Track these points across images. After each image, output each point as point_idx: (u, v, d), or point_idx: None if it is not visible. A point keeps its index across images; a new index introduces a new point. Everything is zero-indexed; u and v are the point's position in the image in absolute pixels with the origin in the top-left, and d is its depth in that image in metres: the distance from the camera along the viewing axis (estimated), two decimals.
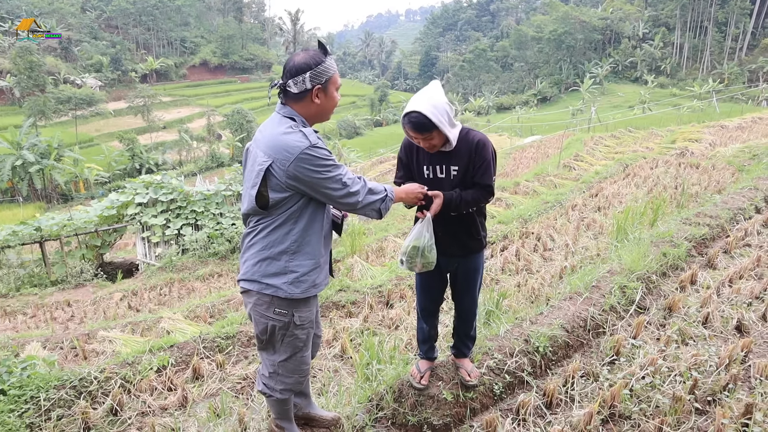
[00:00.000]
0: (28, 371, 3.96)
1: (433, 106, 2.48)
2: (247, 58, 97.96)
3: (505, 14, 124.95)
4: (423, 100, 2.50)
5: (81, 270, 12.28)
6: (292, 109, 2.27)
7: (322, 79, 2.20)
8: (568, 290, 4.35)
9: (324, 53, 2.22)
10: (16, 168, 36.37)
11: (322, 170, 2.17)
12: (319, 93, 2.23)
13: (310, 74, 2.17)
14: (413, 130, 2.53)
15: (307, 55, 2.20)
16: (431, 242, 2.65)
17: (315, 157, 2.14)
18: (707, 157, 12.96)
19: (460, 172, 2.70)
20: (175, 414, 3.73)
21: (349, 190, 2.24)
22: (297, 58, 2.20)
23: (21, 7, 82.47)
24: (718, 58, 77.62)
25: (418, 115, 2.48)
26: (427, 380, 3.11)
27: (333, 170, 2.19)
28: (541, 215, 9.25)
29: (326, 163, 2.17)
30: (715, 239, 5.81)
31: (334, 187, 2.21)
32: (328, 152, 2.20)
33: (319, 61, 2.19)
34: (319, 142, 2.20)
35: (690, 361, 3.30)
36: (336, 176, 2.20)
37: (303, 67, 2.17)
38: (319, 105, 2.27)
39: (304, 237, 2.31)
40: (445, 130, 2.51)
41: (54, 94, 52.13)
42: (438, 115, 2.47)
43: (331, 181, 2.19)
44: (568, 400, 3.13)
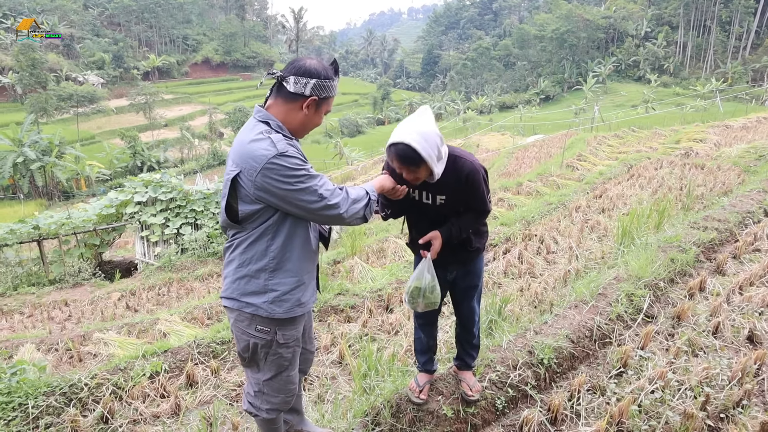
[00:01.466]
0: (18, 377, 3.86)
1: (423, 138, 2.27)
2: (249, 56, 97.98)
3: (507, 13, 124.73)
4: (412, 130, 2.28)
5: (79, 269, 12.19)
6: (269, 113, 2.13)
7: (322, 94, 2.09)
8: (573, 298, 4.22)
9: (335, 72, 2.13)
10: (18, 165, 36.37)
11: (292, 181, 1.99)
12: (311, 105, 2.10)
13: (315, 82, 2.05)
14: (399, 162, 2.33)
15: (321, 64, 2.09)
16: (433, 283, 2.55)
17: (283, 167, 1.98)
18: (712, 158, 12.83)
19: (448, 200, 2.55)
20: (168, 422, 3.63)
21: (327, 202, 2.06)
22: (309, 62, 2.08)
23: (23, 3, 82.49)
24: (722, 57, 77.35)
25: (405, 148, 2.26)
26: (426, 394, 2.98)
27: (306, 181, 2.02)
28: (544, 217, 9.12)
29: (296, 173, 2.00)
30: (723, 244, 5.68)
31: (309, 199, 2.03)
32: (300, 160, 2.03)
33: (329, 76, 2.09)
34: (290, 149, 2.02)
35: (701, 374, 3.17)
36: (310, 187, 2.03)
37: (312, 72, 2.05)
38: (304, 117, 2.13)
39: (284, 254, 2.17)
40: (432, 165, 2.31)
41: (56, 92, 52.21)
42: (428, 148, 2.27)
43: (304, 192, 2.02)
44: (573, 416, 3.00)
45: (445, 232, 2.57)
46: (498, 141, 33.03)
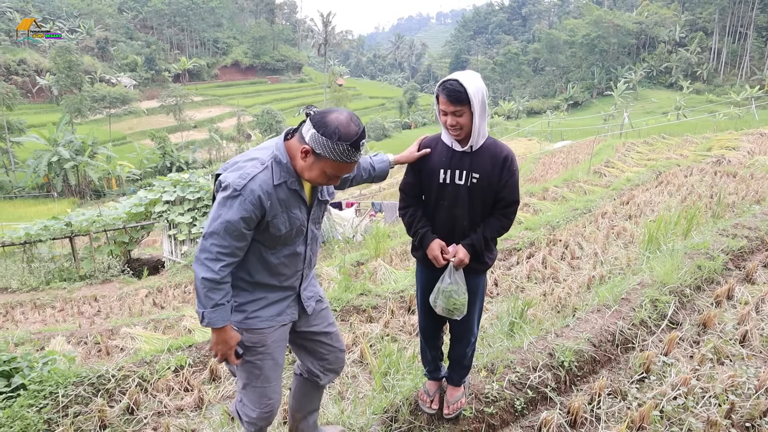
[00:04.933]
0: (49, 367, 3.98)
1: (476, 83, 2.33)
2: (278, 59, 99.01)
3: (537, 18, 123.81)
4: (465, 74, 2.37)
5: (108, 266, 12.47)
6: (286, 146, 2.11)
7: (316, 149, 1.95)
8: (596, 302, 4.18)
9: (347, 141, 1.94)
10: (52, 164, 37.33)
11: (214, 215, 2.00)
12: (307, 154, 2.00)
13: (313, 133, 1.96)
14: (446, 96, 2.33)
15: (338, 120, 1.95)
16: (451, 288, 2.52)
17: (222, 200, 1.98)
18: (745, 166, 12.54)
19: (480, 182, 2.49)
20: (191, 415, 3.70)
21: (198, 256, 2.03)
22: (333, 115, 1.98)
23: (61, 8, 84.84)
24: (758, 63, 75.53)
25: (456, 83, 2.31)
26: (438, 404, 2.93)
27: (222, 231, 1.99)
28: (569, 222, 9.03)
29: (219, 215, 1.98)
30: (754, 252, 5.55)
31: (211, 238, 2.00)
32: (244, 213, 1.97)
33: (331, 136, 1.93)
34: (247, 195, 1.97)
35: (726, 382, 3.11)
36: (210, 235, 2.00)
37: (319, 124, 1.95)
38: (302, 163, 2.05)
39: (237, 269, 2.17)
40: (475, 108, 2.34)
41: (90, 93, 53.46)
42: (475, 91, 2.31)
43: (207, 235, 2.01)
44: (593, 420, 2.97)
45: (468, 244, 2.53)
46: (525, 146, 32.78)
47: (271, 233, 2.09)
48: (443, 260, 2.55)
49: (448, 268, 2.54)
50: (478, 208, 2.55)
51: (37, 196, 38.60)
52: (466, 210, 2.56)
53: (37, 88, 66.63)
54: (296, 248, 2.23)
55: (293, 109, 77.78)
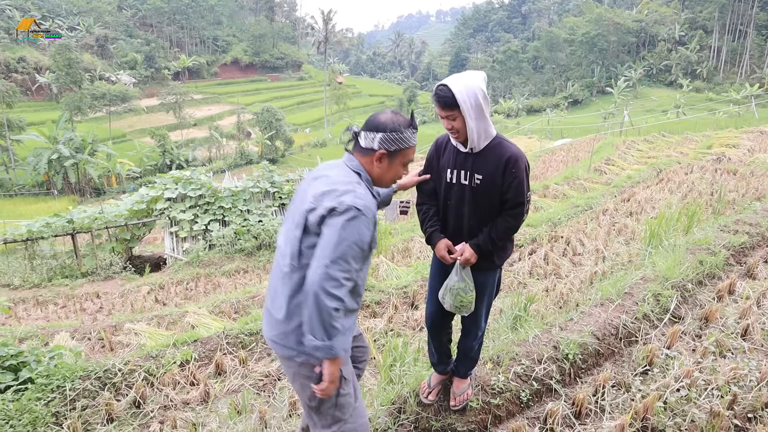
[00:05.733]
0: (55, 361, 4.01)
1: (465, 85, 2.35)
2: (277, 57, 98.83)
3: (536, 16, 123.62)
4: (458, 77, 2.40)
5: (110, 263, 12.50)
6: (360, 163, 2.15)
7: (391, 147, 2.07)
8: (600, 296, 4.22)
9: (409, 125, 2.10)
10: (52, 162, 37.27)
11: (345, 244, 1.92)
12: (382, 158, 2.10)
13: (381, 136, 2.05)
14: (436, 102, 2.41)
15: (391, 117, 2.08)
16: (459, 286, 2.55)
17: (353, 224, 1.93)
18: (745, 164, 12.57)
19: (484, 182, 2.51)
20: (197, 409, 3.73)
21: (334, 285, 1.89)
22: (381, 116, 2.09)
23: (61, 6, 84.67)
24: (758, 62, 75.45)
25: (444, 88, 2.36)
26: (436, 396, 2.97)
27: (348, 254, 1.92)
28: (570, 219, 9.06)
29: (354, 240, 1.93)
30: (755, 248, 5.58)
31: (335, 266, 1.90)
32: (367, 232, 1.97)
33: (397, 128, 2.06)
34: (367, 213, 1.97)
35: (728, 374, 3.15)
36: (345, 258, 1.91)
37: (379, 126, 2.06)
38: (378, 170, 2.12)
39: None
40: (466, 112, 2.36)
41: (90, 91, 53.31)
42: (465, 96, 2.33)
43: (340, 259, 1.90)
44: (598, 411, 3.01)
45: (475, 245, 2.55)
46: (525, 144, 32.78)
47: (369, 249, 2.07)
48: (450, 259, 2.60)
49: (456, 266, 2.57)
50: (484, 208, 2.57)
51: (37, 193, 38.57)
52: (472, 210, 2.59)
53: (36, 85, 66.51)
54: (368, 264, 2.19)
55: (293, 107, 77.77)
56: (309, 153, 53.72)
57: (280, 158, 49.99)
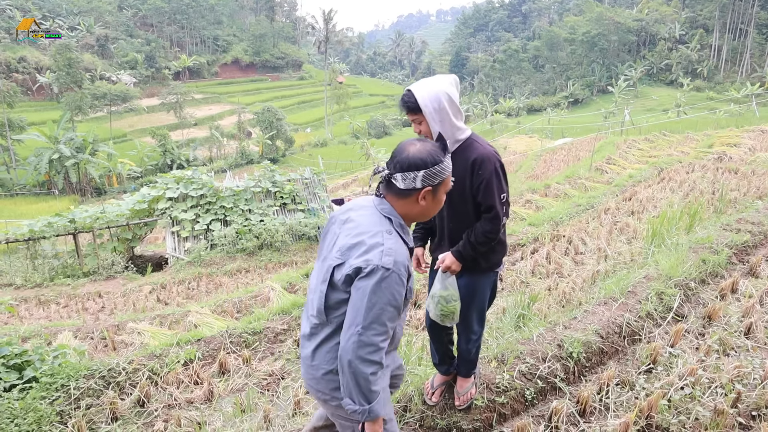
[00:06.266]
0: (60, 360, 4.02)
1: (429, 91, 2.36)
2: (278, 57, 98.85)
3: (537, 15, 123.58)
4: (424, 82, 2.40)
5: (112, 262, 12.51)
6: (392, 207, 1.96)
7: (435, 181, 1.90)
8: (603, 295, 4.22)
9: (443, 150, 1.93)
10: (53, 161, 37.28)
11: (370, 299, 1.78)
12: (427, 195, 1.92)
13: (424, 174, 1.87)
14: (401, 106, 2.44)
15: (425, 149, 1.89)
16: (441, 294, 2.50)
17: (381, 284, 1.78)
18: (747, 162, 12.55)
19: (456, 185, 2.42)
20: (201, 408, 3.73)
21: (368, 349, 1.78)
22: (412, 150, 1.89)
23: (61, 6, 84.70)
24: (759, 60, 75.40)
25: (407, 93, 2.40)
26: (439, 397, 2.96)
27: (382, 317, 1.79)
28: (572, 218, 9.07)
29: (385, 300, 1.79)
30: (757, 247, 5.59)
31: (371, 330, 1.78)
32: (401, 290, 1.82)
33: (437, 160, 1.88)
34: (398, 270, 1.81)
35: (732, 372, 3.16)
36: (380, 320, 1.79)
37: (418, 163, 1.86)
38: (423, 207, 1.95)
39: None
40: (429, 116, 2.36)
41: (90, 90, 53.38)
42: (428, 101, 2.34)
43: (372, 322, 1.78)
44: (602, 409, 3.02)
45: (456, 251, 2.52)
46: (526, 144, 32.76)
47: (405, 300, 1.93)
48: (421, 270, 2.61)
49: (438, 274, 2.54)
50: (461, 211, 2.54)
51: (38, 193, 38.60)
52: (449, 213, 2.58)
53: (37, 85, 66.55)
54: (407, 306, 2.06)
55: (294, 106, 77.79)
56: (310, 153, 53.72)
57: (281, 158, 49.99)
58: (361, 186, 29.35)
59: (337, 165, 43.96)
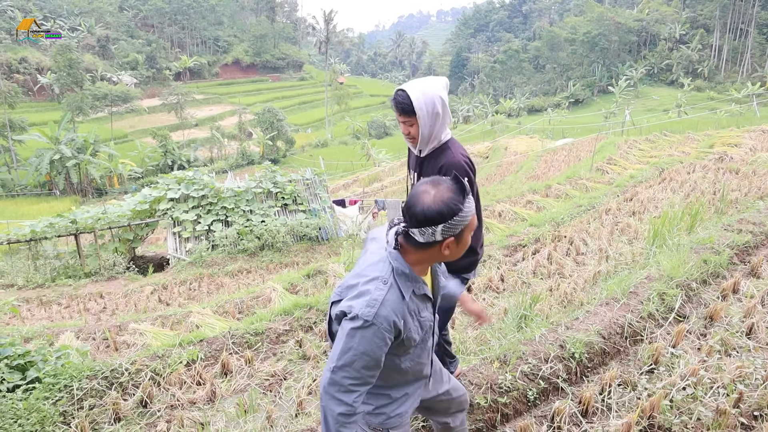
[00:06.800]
0: (62, 360, 4.03)
1: (423, 92, 2.35)
2: (278, 57, 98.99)
3: (537, 15, 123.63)
4: (418, 83, 2.39)
5: (114, 263, 12.52)
6: (403, 255, 1.86)
7: (457, 231, 1.75)
8: (605, 295, 4.23)
9: (462, 193, 1.73)
10: (54, 162, 37.37)
11: (346, 343, 1.77)
12: (450, 244, 1.78)
13: (443, 227, 1.72)
14: (395, 107, 2.43)
15: (440, 200, 1.71)
16: None
17: (354, 333, 1.75)
18: (748, 163, 12.55)
19: None
20: (204, 408, 3.74)
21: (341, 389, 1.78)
22: (427, 202, 1.71)
23: (62, 6, 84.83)
24: (759, 60, 75.42)
25: (402, 94, 2.38)
26: None
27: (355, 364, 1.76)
28: (573, 219, 9.07)
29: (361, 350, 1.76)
30: (758, 247, 5.59)
31: (343, 371, 1.76)
32: (380, 343, 1.77)
33: (457, 210, 1.71)
34: (384, 321, 1.76)
35: (734, 373, 3.16)
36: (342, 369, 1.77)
37: (436, 218, 1.70)
38: (448, 254, 1.82)
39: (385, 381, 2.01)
40: (422, 118, 2.37)
41: (91, 91, 53.52)
42: (423, 103, 2.35)
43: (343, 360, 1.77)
44: (604, 409, 3.03)
45: None
46: (526, 144, 32.76)
47: (404, 345, 1.90)
48: None
49: None
50: None
51: (39, 194, 38.66)
52: None
53: (38, 86, 66.72)
54: (426, 345, 2.05)
55: (294, 107, 77.88)
56: (310, 153, 53.80)
57: (282, 158, 50.07)
58: (362, 186, 29.39)
59: (338, 165, 43.99)
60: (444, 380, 2.35)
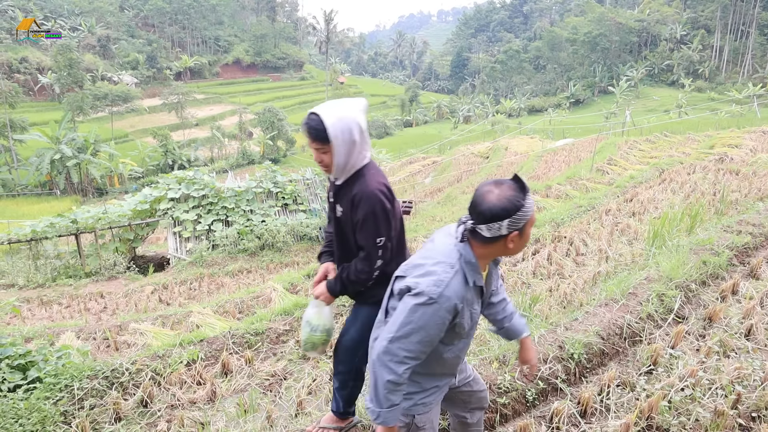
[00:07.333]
0: (63, 360, 4.04)
1: (339, 118, 2.16)
2: (279, 57, 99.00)
3: (538, 15, 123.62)
4: (334, 108, 2.20)
5: (114, 263, 12.54)
6: (471, 248, 1.97)
7: (520, 225, 1.87)
8: (604, 296, 4.24)
9: (523, 192, 1.86)
10: (55, 162, 37.37)
11: (407, 316, 1.88)
12: (514, 238, 1.90)
13: (509, 222, 1.84)
14: (306, 133, 2.23)
15: (505, 196, 1.84)
16: (308, 320, 2.44)
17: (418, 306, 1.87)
18: (748, 164, 12.56)
19: (344, 215, 2.33)
20: (204, 408, 3.75)
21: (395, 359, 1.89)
22: (492, 200, 1.84)
23: (63, 6, 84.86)
24: (760, 61, 75.37)
25: (316, 119, 2.18)
26: None
27: (413, 338, 1.89)
28: (573, 219, 9.07)
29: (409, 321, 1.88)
30: (758, 248, 5.60)
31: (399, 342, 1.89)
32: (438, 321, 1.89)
33: (519, 205, 1.83)
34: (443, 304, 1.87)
35: (732, 374, 3.17)
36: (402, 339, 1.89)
37: (501, 214, 1.83)
38: (512, 248, 1.94)
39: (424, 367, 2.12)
40: (336, 147, 2.19)
41: (92, 91, 53.57)
42: (339, 130, 2.16)
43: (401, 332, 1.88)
44: (603, 410, 3.04)
45: (330, 283, 2.43)
46: (527, 144, 32.77)
47: (455, 332, 2.02)
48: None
49: (312, 299, 2.49)
50: (346, 243, 2.42)
51: (39, 193, 38.66)
52: (338, 242, 2.47)
53: (39, 86, 66.72)
54: (469, 340, 2.17)
55: (295, 106, 77.77)
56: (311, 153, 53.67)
57: (282, 158, 50.06)
58: None
59: None
60: (468, 369, 2.46)
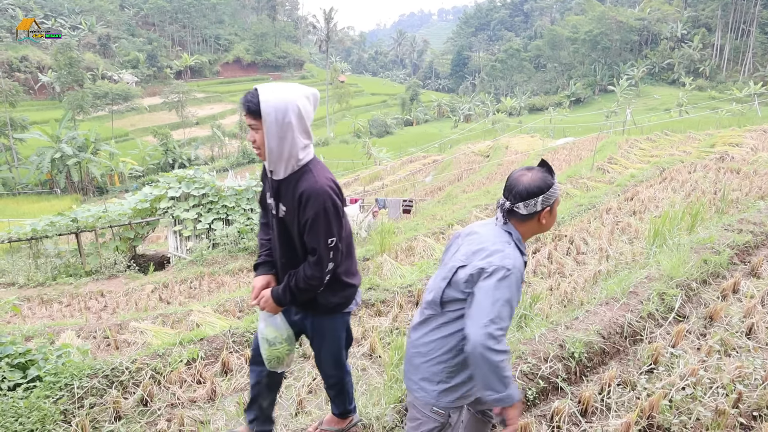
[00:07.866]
0: (63, 359, 4.03)
1: (276, 96, 2.07)
2: (279, 56, 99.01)
3: (539, 14, 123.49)
4: (277, 86, 2.11)
5: (114, 261, 12.53)
6: (514, 226, 2.15)
7: (551, 201, 2.11)
8: (605, 295, 4.24)
9: (551, 173, 2.12)
10: (55, 160, 37.39)
11: (493, 299, 1.95)
12: (546, 214, 2.12)
13: (543, 198, 2.08)
14: (242, 105, 2.11)
15: (538, 177, 2.09)
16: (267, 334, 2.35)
17: (502, 283, 1.96)
18: (749, 162, 12.54)
19: (288, 215, 2.21)
20: (204, 407, 3.75)
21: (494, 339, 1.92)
22: (526, 180, 2.09)
23: (63, 5, 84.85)
24: (761, 60, 75.29)
25: (253, 93, 2.09)
26: None
27: (502, 311, 1.95)
28: (574, 218, 9.07)
29: (502, 295, 1.96)
30: (759, 247, 5.60)
31: (495, 324, 1.93)
32: (518, 290, 2.02)
33: (551, 183, 2.09)
34: (515, 271, 2.00)
35: (733, 373, 3.17)
36: (499, 317, 1.95)
37: (536, 191, 2.07)
38: (544, 224, 2.16)
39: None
40: (267, 126, 2.06)
41: (92, 90, 53.56)
42: (272, 107, 2.04)
43: (490, 312, 1.94)
44: (604, 409, 3.03)
45: (276, 292, 2.30)
46: (527, 143, 32.77)
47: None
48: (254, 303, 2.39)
49: (261, 312, 2.36)
50: (291, 245, 2.29)
51: (40, 192, 38.68)
52: (281, 245, 2.32)
53: (39, 84, 66.74)
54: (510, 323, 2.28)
55: None
56: None
57: None
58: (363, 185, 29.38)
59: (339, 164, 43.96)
60: None
